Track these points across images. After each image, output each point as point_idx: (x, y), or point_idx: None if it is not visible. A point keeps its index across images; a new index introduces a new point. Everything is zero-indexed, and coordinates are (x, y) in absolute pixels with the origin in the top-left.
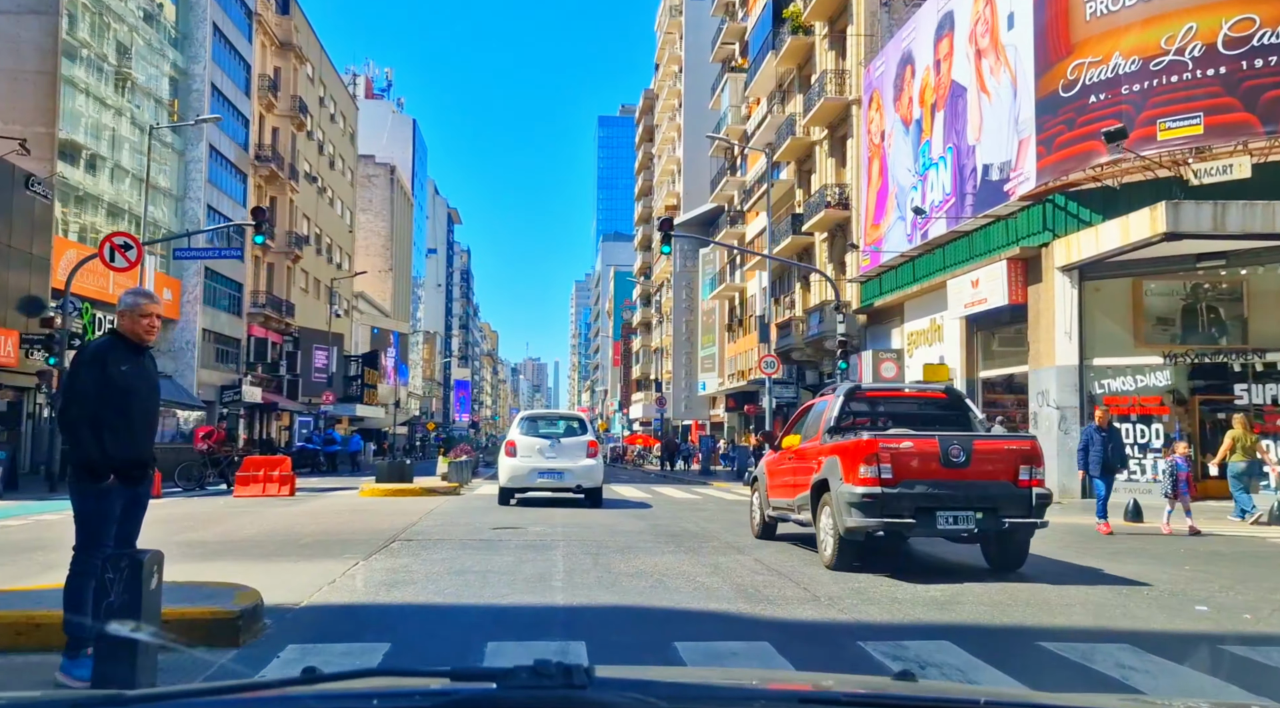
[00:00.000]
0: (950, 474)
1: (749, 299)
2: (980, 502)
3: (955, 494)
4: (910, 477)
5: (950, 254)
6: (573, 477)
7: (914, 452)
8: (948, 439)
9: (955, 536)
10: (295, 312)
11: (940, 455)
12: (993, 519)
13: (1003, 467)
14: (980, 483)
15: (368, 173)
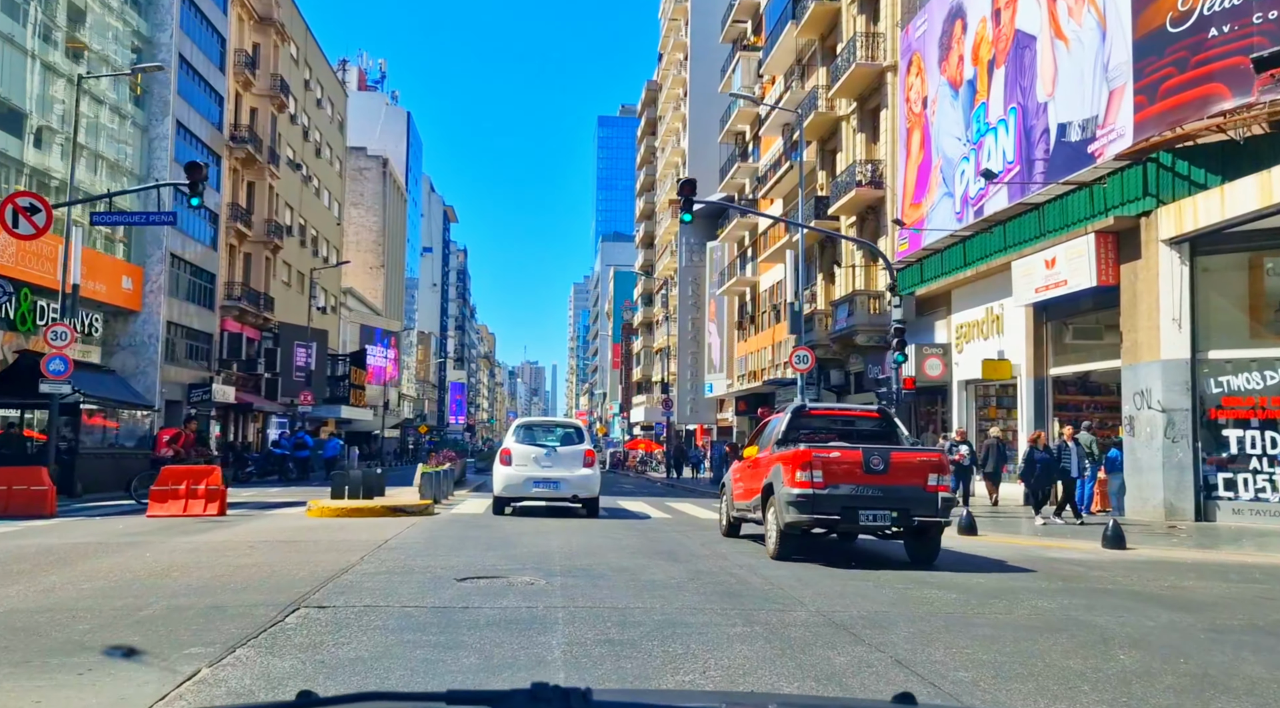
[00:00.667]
0: (871, 480)
1: (761, 295)
2: (895, 503)
3: (875, 496)
4: (838, 481)
5: (1015, 231)
6: (569, 486)
7: (841, 460)
8: (869, 451)
9: (874, 531)
10: (275, 306)
11: (863, 464)
12: (905, 518)
13: (915, 475)
14: (896, 487)
15: (359, 165)
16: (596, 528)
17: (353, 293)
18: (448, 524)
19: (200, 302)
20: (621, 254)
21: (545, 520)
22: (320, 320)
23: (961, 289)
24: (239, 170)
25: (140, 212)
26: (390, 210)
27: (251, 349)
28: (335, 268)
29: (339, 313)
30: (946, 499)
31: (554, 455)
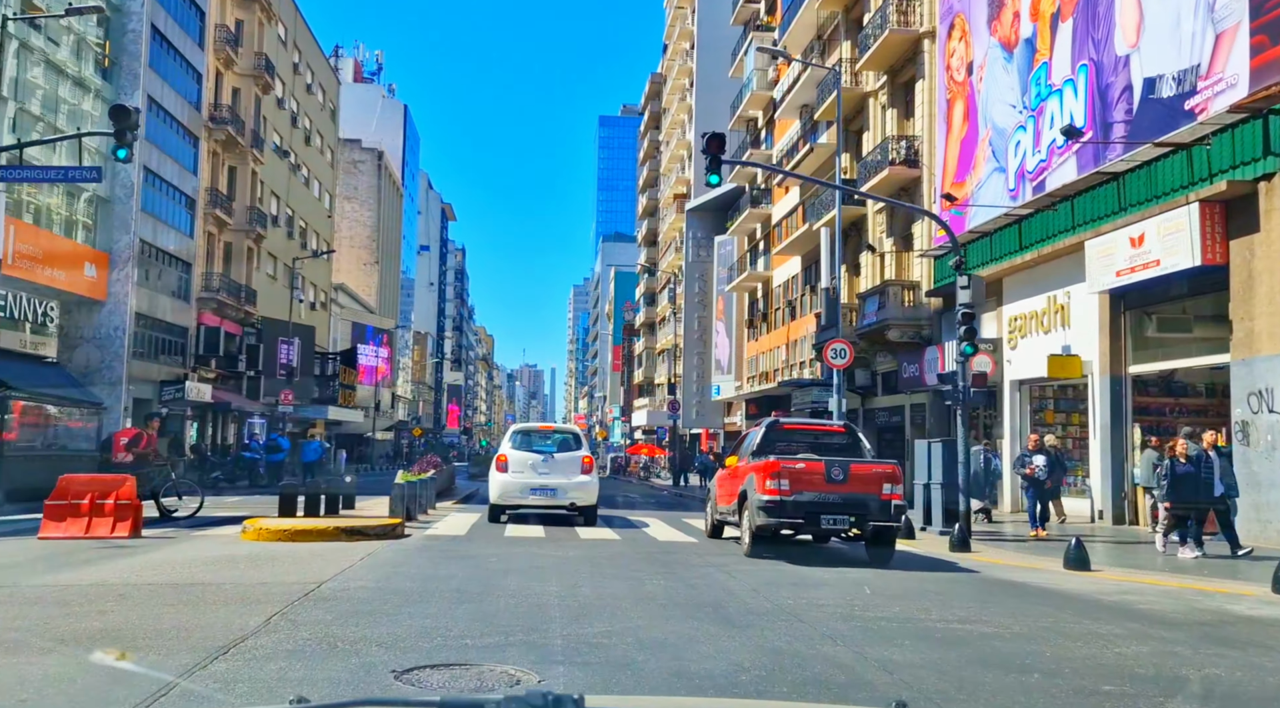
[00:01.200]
0: (832, 488)
1: (774, 291)
2: (854, 509)
3: (835, 502)
4: (802, 489)
5: (1087, 207)
6: (567, 493)
7: (805, 471)
8: (831, 462)
9: (835, 533)
10: (258, 299)
11: (825, 474)
12: (862, 522)
13: (871, 484)
14: (854, 495)
15: (353, 158)
16: (606, 559)
17: (344, 289)
18: (416, 552)
19: (174, 293)
20: (622, 255)
21: (542, 545)
22: (309, 317)
23: (1016, 276)
24: (219, 153)
25: (56, 167)
26: (385, 205)
27: (232, 345)
28: (320, 258)
29: (329, 309)
30: (899, 506)
31: (551, 462)
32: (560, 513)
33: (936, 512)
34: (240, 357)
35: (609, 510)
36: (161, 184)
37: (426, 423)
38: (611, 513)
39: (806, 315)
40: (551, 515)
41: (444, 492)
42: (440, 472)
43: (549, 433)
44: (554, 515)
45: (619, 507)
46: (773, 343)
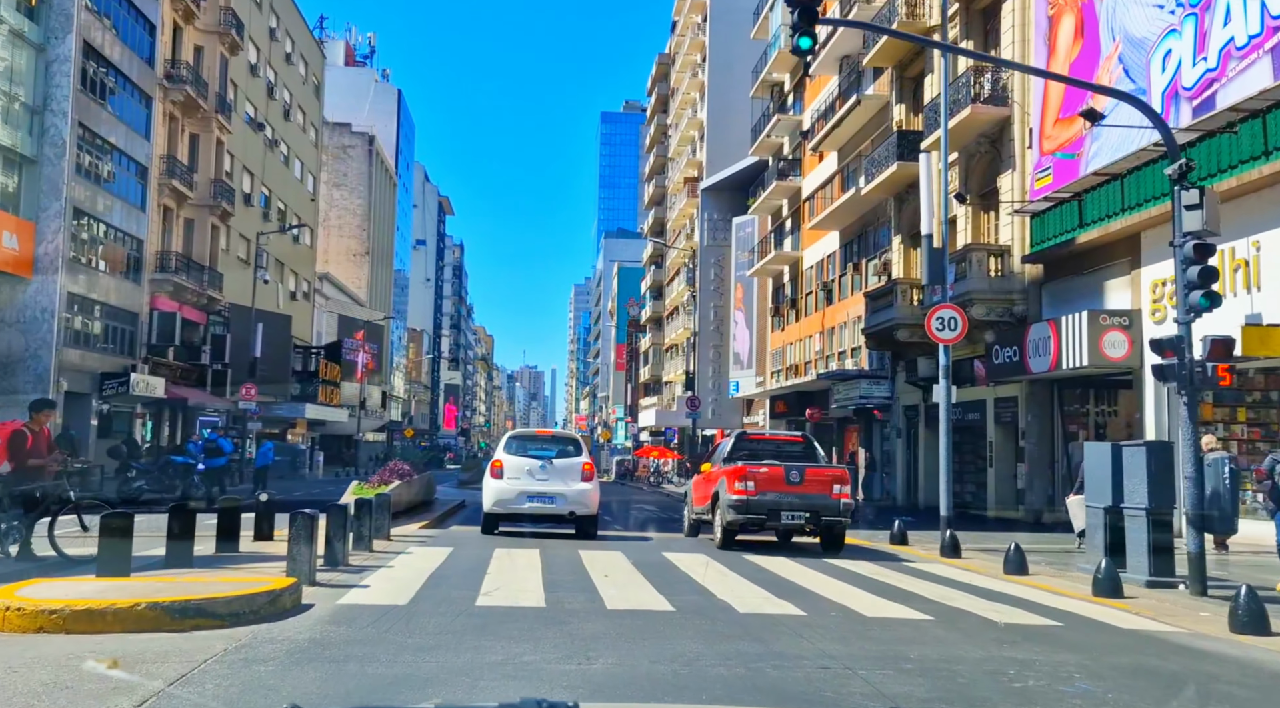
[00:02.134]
0: (790, 489)
1: (805, 273)
2: (809, 506)
3: (793, 501)
4: (765, 490)
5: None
6: (565, 502)
7: (768, 474)
8: (789, 467)
9: (794, 528)
10: (225, 284)
11: (784, 477)
12: (816, 518)
13: (824, 485)
14: (809, 495)
15: (343, 143)
16: (632, 631)
17: (330, 279)
18: (285, 667)
19: (122, 273)
20: (625, 251)
21: (537, 627)
22: (290, 308)
23: (1162, 229)
24: (177, 117)
25: None
26: (377, 193)
27: (194, 335)
28: (301, 245)
29: (312, 300)
30: (847, 504)
31: (549, 468)
32: (564, 556)
33: (1138, 552)
34: (204, 348)
35: (626, 531)
36: (104, 146)
37: (422, 424)
38: (631, 536)
39: (849, 298)
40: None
41: (417, 507)
42: (410, 482)
43: (547, 438)
44: (558, 561)
45: (638, 525)
46: (804, 332)
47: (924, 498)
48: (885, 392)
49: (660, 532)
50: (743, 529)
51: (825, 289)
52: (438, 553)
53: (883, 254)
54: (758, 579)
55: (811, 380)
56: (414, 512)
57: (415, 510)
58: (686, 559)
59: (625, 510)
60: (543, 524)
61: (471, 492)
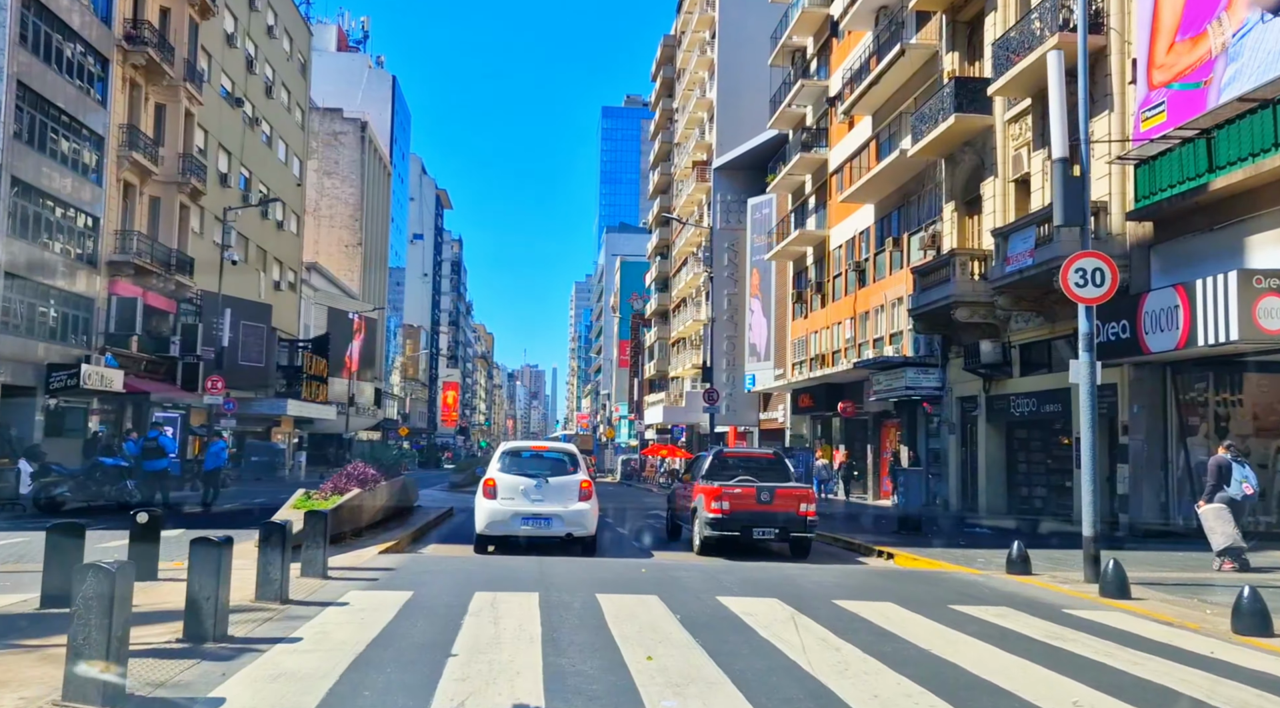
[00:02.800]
0: (761, 507)
1: (832, 254)
2: (778, 523)
3: (763, 517)
4: (738, 508)
5: None
6: (562, 523)
7: (741, 493)
8: (760, 487)
9: (764, 542)
10: (195, 268)
11: (756, 496)
12: (785, 533)
13: (791, 503)
14: (777, 512)
15: (334, 129)
16: None
17: (318, 269)
18: None
19: (75, 254)
20: (627, 245)
21: None
22: (274, 299)
23: None
24: (140, 84)
25: None
26: (370, 182)
27: (161, 324)
28: (257, 210)
29: (299, 290)
30: (812, 521)
31: (544, 487)
32: (575, 607)
33: None
34: (174, 339)
35: (645, 546)
36: (51, 110)
37: (420, 423)
38: (653, 556)
39: (886, 278)
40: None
41: (392, 517)
42: (374, 489)
43: (541, 454)
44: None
45: (657, 539)
46: (831, 318)
47: (986, 503)
48: (935, 381)
49: (686, 550)
50: (719, 542)
51: (857, 269)
52: (387, 603)
53: (930, 225)
54: (885, 653)
55: (843, 371)
56: (384, 525)
57: (386, 523)
58: (756, 610)
59: (640, 519)
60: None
61: (464, 496)
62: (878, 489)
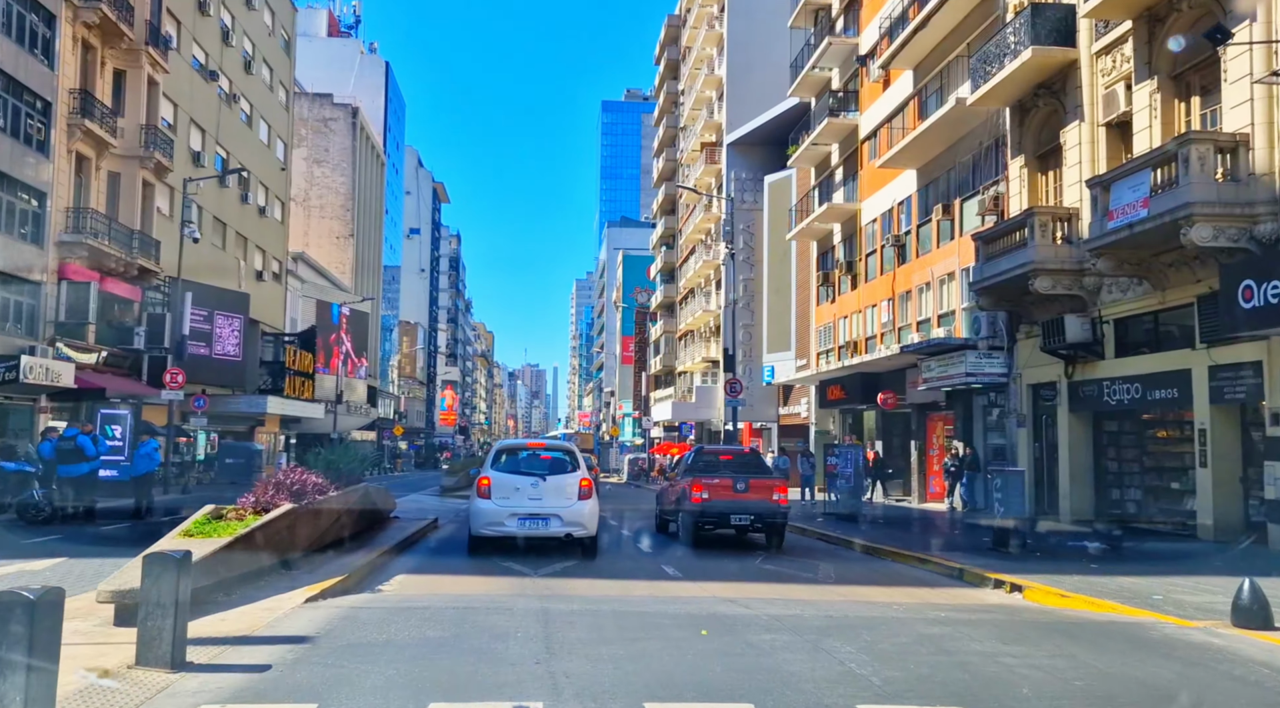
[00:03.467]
0: (738, 496)
1: (864, 229)
2: (753, 511)
3: (740, 507)
4: (717, 498)
5: None
6: (561, 523)
7: (720, 485)
8: (736, 479)
9: (742, 528)
10: (162, 252)
11: (732, 487)
12: (759, 520)
13: (765, 492)
14: (753, 501)
15: (323, 115)
16: None
17: (305, 259)
18: None
19: (17, 232)
20: (629, 239)
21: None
22: (257, 289)
23: None
24: (94, 47)
25: None
26: (362, 171)
27: (124, 313)
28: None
29: (284, 281)
30: (785, 509)
31: (542, 486)
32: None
33: None
34: (138, 330)
35: (669, 569)
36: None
37: (417, 422)
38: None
39: (932, 252)
40: None
41: (357, 534)
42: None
43: (538, 452)
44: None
45: (680, 556)
46: (865, 300)
47: (1070, 507)
48: (1000, 366)
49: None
50: (701, 528)
51: (896, 245)
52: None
53: (991, 186)
54: None
55: (882, 358)
56: (339, 546)
57: (342, 543)
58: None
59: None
60: (542, 556)
61: (455, 503)
62: (923, 490)
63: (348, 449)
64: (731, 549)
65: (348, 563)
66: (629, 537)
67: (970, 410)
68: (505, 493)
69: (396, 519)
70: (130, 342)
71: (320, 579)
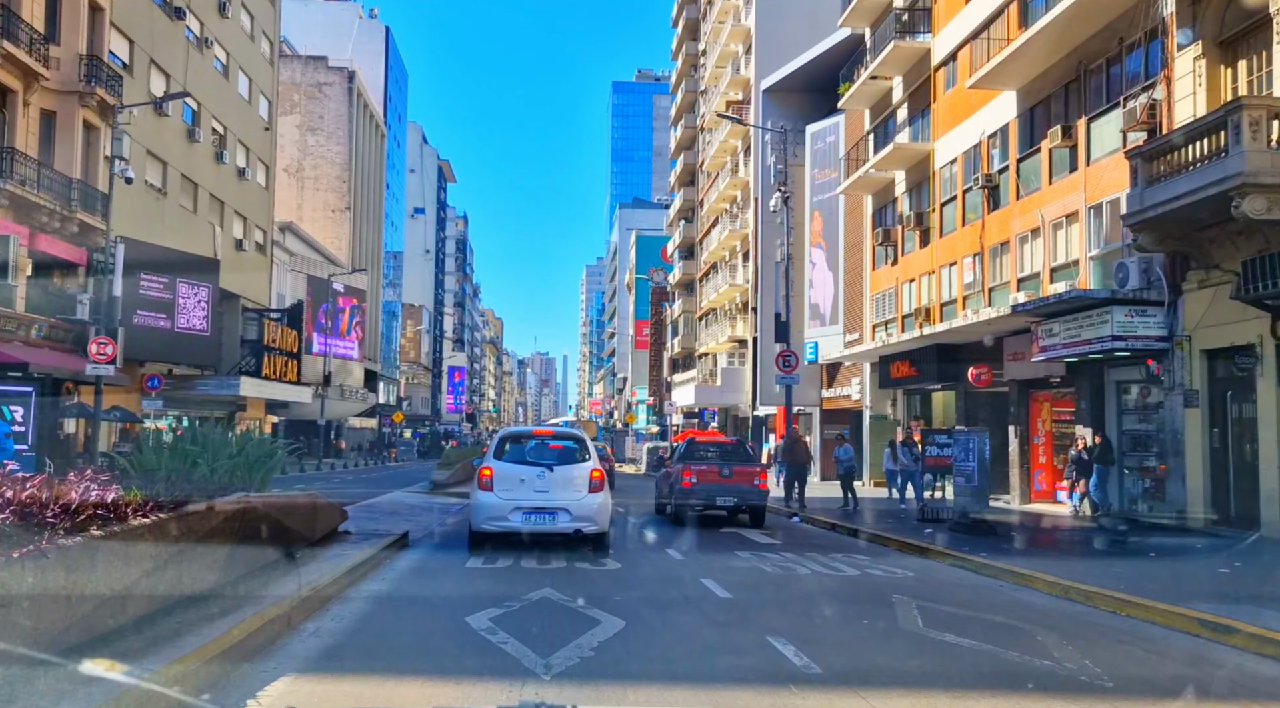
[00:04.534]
0: (723, 481)
1: (937, 174)
2: (737, 493)
3: (725, 489)
4: (705, 482)
5: None
6: (570, 517)
7: (707, 470)
8: (721, 465)
9: (727, 508)
10: (111, 208)
11: (718, 472)
12: (742, 501)
13: (747, 477)
14: (736, 485)
15: (317, 80)
16: None
17: (294, 230)
18: None
19: None
20: (642, 220)
21: None
22: (237, 261)
23: None
24: None
25: None
26: (360, 141)
27: (67, 279)
28: (158, 109)
29: (269, 253)
30: (763, 491)
31: (549, 477)
32: None
33: None
34: (83, 297)
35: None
36: None
37: (422, 409)
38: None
39: (1044, 189)
40: None
41: (250, 578)
42: (95, 543)
43: (545, 440)
44: None
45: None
46: (941, 258)
47: (1274, 516)
48: (1159, 327)
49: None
50: (690, 508)
51: (986, 186)
52: None
53: (1140, 92)
54: None
55: (972, 325)
56: (170, 614)
57: (210, 600)
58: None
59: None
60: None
61: (445, 503)
62: (1025, 488)
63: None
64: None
65: (166, 655)
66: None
67: (1100, 387)
68: (509, 485)
69: (349, 535)
70: (73, 311)
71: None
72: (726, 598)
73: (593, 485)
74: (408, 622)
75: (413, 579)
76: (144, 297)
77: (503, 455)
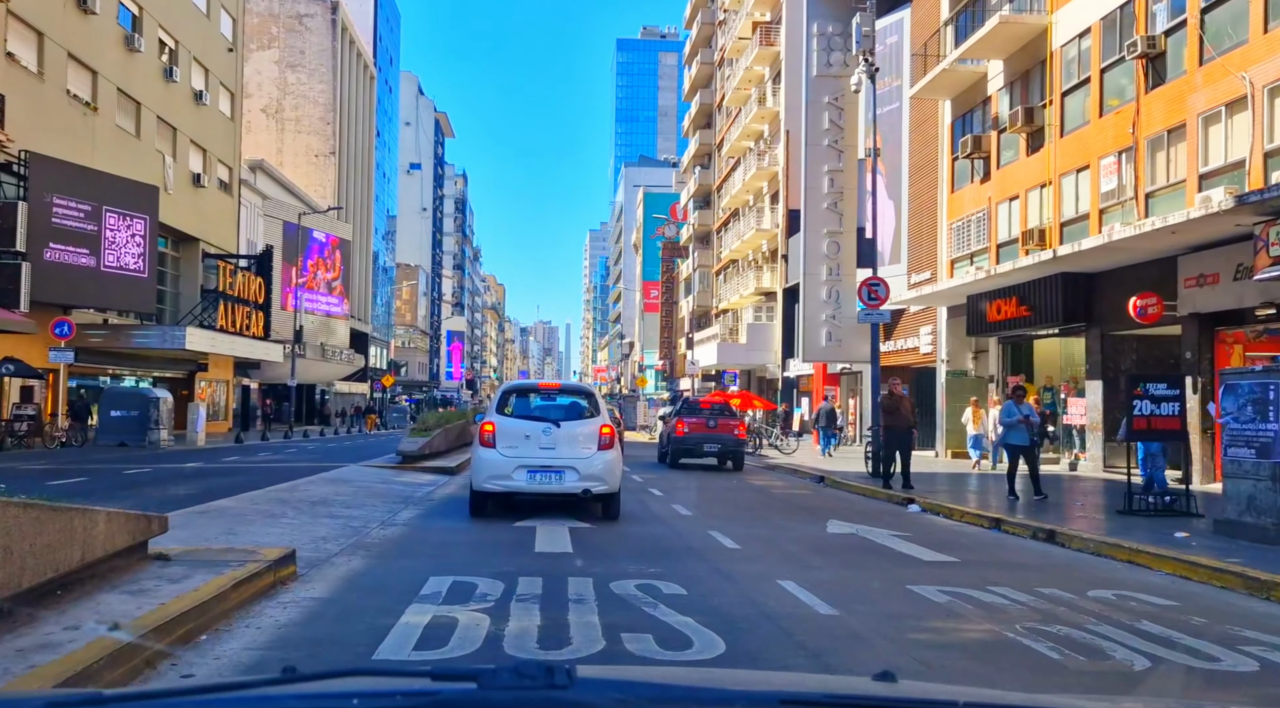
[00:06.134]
0: (709, 431)
1: (1055, 55)
2: (720, 442)
3: (710, 438)
4: (694, 432)
5: None
6: (577, 476)
7: (696, 422)
8: (708, 418)
9: (713, 455)
10: (20, 117)
11: (705, 424)
12: (724, 449)
13: (730, 429)
14: (720, 435)
15: (297, 11)
16: None
17: (266, 169)
18: None
19: None
20: (649, 179)
21: None
22: (197, 199)
23: None
24: None
25: None
26: (347, 80)
27: None
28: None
29: (236, 194)
30: (742, 441)
31: (555, 434)
32: None
33: None
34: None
35: None
36: None
37: (419, 375)
38: None
39: (1244, 45)
40: None
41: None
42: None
43: (552, 393)
44: None
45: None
46: (1064, 163)
47: None
48: None
49: None
50: (682, 454)
51: (1145, 56)
52: None
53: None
54: None
55: (1148, 234)
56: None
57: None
58: None
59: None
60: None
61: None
62: (1210, 463)
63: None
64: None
65: None
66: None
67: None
68: (513, 442)
69: (164, 560)
70: None
71: None
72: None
73: (602, 442)
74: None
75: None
76: (59, 227)
77: (506, 410)
